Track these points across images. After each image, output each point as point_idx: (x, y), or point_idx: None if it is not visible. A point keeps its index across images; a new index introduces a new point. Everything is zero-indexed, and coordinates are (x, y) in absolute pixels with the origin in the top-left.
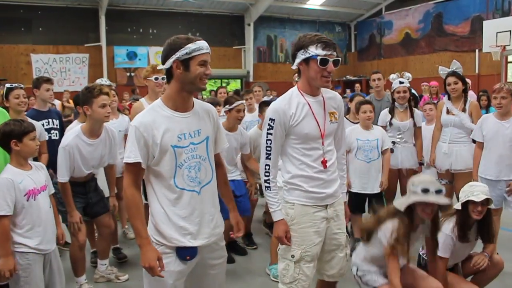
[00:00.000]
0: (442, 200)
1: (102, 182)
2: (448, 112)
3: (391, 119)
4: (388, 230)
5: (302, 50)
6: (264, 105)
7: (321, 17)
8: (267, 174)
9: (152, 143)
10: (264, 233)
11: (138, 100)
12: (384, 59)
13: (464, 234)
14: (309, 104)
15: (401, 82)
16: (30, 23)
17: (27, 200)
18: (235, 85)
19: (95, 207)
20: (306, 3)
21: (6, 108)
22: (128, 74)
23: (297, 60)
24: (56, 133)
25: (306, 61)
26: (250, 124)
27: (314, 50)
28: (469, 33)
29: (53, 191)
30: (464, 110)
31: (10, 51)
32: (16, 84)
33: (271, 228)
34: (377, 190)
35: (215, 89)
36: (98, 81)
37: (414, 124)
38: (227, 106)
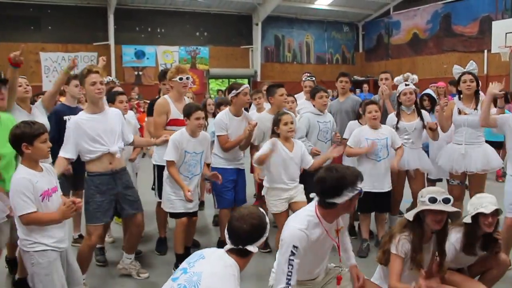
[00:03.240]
0: (449, 208)
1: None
2: (460, 112)
3: (397, 122)
4: (398, 239)
5: (350, 188)
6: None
7: (329, 17)
8: None
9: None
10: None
11: (140, 98)
12: (392, 59)
13: (471, 246)
14: (327, 231)
15: (406, 85)
16: (39, 21)
17: (42, 201)
18: None
19: (128, 209)
20: (314, 3)
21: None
22: (136, 73)
23: (344, 198)
24: None
25: (352, 197)
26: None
27: (360, 185)
28: (478, 33)
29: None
30: (476, 107)
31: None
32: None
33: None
34: (387, 188)
35: (223, 89)
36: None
37: (424, 126)
38: (233, 91)
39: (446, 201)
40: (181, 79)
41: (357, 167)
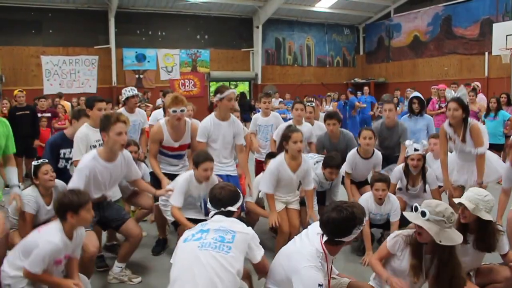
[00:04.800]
0: (417, 221)
1: None
2: (450, 138)
3: (406, 185)
4: (395, 235)
5: (358, 226)
6: (269, 157)
7: (329, 20)
8: None
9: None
10: (271, 236)
11: (143, 101)
12: (393, 61)
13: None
14: (327, 268)
15: (415, 149)
16: (40, 25)
17: (50, 263)
18: (243, 87)
19: (113, 222)
20: (315, 6)
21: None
22: (137, 76)
23: (352, 237)
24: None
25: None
26: (264, 128)
27: (364, 220)
28: (479, 35)
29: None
30: (464, 139)
31: (20, 53)
32: None
33: (276, 232)
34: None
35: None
36: (124, 91)
37: (425, 190)
38: (218, 95)
39: (422, 213)
40: (174, 111)
41: None
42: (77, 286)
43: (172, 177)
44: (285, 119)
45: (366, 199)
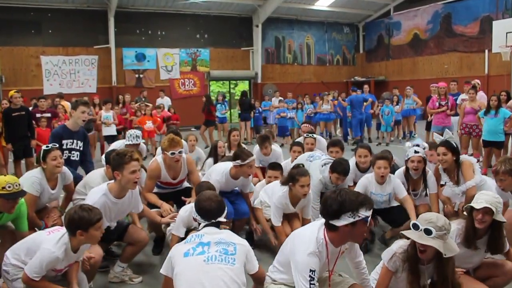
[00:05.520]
0: (423, 241)
1: None
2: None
3: (408, 188)
4: (393, 254)
5: (350, 213)
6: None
7: (329, 18)
8: None
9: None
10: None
11: (143, 101)
12: (393, 60)
13: (469, 240)
14: (328, 258)
15: (416, 152)
16: (40, 25)
17: (52, 271)
18: (243, 86)
19: (114, 234)
20: (314, 4)
21: None
22: (136, 75)
23: (343, 222)
24: (77, 155)
25: (354, 223)
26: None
27: (364, 213)
28: (478, 33)
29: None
30: (458, 181)
31: (20, 53)
32: None
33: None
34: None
35: (224, 90)
36: (128, 134)
37: (426, 194)
38: (238, 161)
39: (427, 232)
40: (172, 153)
41: None
42: None
43: (170, 196)
44: (284, 118)
45: (367, 178)
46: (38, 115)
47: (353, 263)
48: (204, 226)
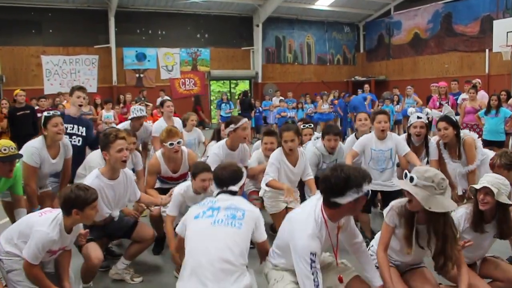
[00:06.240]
0: (405, 187)
1: None
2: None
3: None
4: (390, 209)
5: (355, 189)
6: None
7: (329, 18)
8: None
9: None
10: (269, 234)
11: (143, 101)
12: (393, 59)
13: (476, 224)
14: (329, 234)
15: (419, 117)
16: (41, 25)
17: (46, 252)
18: (243, 86)
19: (121, 231)
20: (315, 4)
21: None
22: (137, 75)
23: (348, 199)
24: (79, 140)
25: (357, 199)
26: None
27: (367, 187)
28: (479, 33)
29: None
30: (459, 156)
31: (21, 53)
32: None
33: (276, 232)
34: (386, 188)
35: (225, 90)
36: (133, 109)
37: (427, 162)
38: (232, 126)
39: (410, 179)
40: (171, 144)
41: None
42: None
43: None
44: (285, 117)
45: (366, 136)
46: (38, 114)
47: (352, 246)
48: (218, 194)
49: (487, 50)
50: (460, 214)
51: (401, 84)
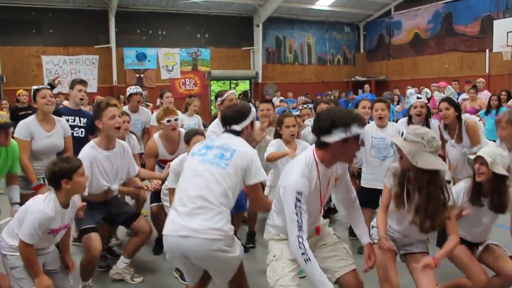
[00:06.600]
0: (396, 141)
1: None
2: (446, 140)
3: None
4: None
5: (342, 128)
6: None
7: (329, 18)
8: (301, 247)
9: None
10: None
11: (144, 101)
12: (393, 59)
13: (473, 196)
14: (320, 179)
15: (418, 97)
16: (41, 25)
17: (48, 234)
18: (244, 86)
19: (121, 217)
20: (315, 4)
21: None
22: (137, 75)
23: (334, 138)
24: (81, 131)
25: (345, 139)
26: None
27: (356, 129)
28: (479, 33)
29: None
30: (460, 138)
31: (21, 53)
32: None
33: None
34: None
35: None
36: (128, 89)
37: None
38: (219, 99)
39: (402, 135)
40: (169, 121)
41: (363, 165)
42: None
43: None
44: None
45: (368, 126)
46: None
47: (346, 201)
48: (223, 133)
49: (487, 50)
50: (460, 187)
51: (401, 84)
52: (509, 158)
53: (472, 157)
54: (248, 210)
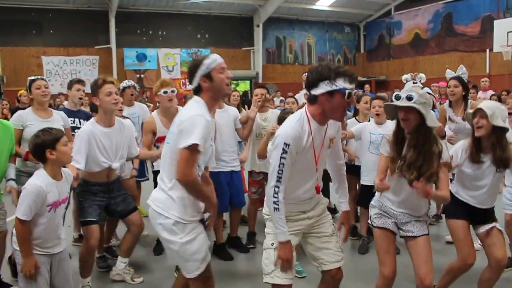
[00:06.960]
0: (399, 102)
1: None
2: (450, 119)
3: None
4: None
5: (327, 81)
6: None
7: (329, 18)
8: (275, 196)
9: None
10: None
11: (146, 102)
12: (394, 59)
13: (473, 152)
14: (312, 135)
15: (414, 82)
16: (41, 25)
17: (48, 211)
18: (244, 86)
19: (120, 206)
20: (315, 4)
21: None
22: (138, 76)
23: (320, 91)
24: None
25: (331, 93)
26: None
27: (342, 84)
28: (479, 33)
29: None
30: (465, 117)
31: (21, 53)
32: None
33: None
34: None
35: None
36: (122, 83)
37: None
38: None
39: (409, 98)
40: (165, 92)
41: (361, 161)
42: (36, 269)
43: None
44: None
45: (366, 123)
46: None
47: (334, 165)
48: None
49: (487, 50)
50: (459, 145)
51: (401, 84)
52: (506, 111)
53: (471, 111)
54: (248, 210)
